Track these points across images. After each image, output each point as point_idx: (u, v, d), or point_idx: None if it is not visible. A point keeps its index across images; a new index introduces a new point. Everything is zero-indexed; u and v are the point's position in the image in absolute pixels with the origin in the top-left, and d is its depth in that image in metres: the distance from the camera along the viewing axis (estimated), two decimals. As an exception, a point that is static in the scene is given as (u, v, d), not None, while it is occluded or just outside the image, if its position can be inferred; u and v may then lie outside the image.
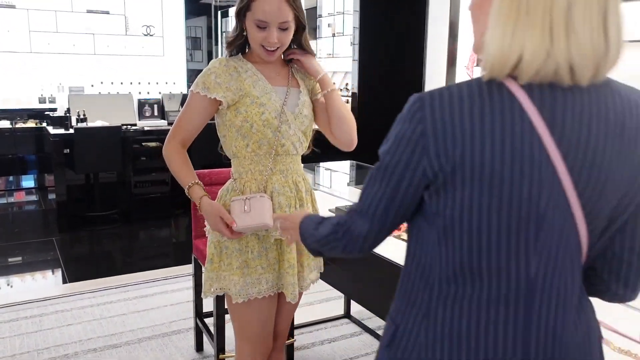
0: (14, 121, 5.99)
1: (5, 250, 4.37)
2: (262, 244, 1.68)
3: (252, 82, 1.65)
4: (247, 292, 1.68)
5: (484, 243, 0.86)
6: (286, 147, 1.67)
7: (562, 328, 0.90)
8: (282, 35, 1.61)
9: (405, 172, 0.88)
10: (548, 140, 0.81)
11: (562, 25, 0.78)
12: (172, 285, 3.60)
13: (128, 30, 6.72)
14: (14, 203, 6.18)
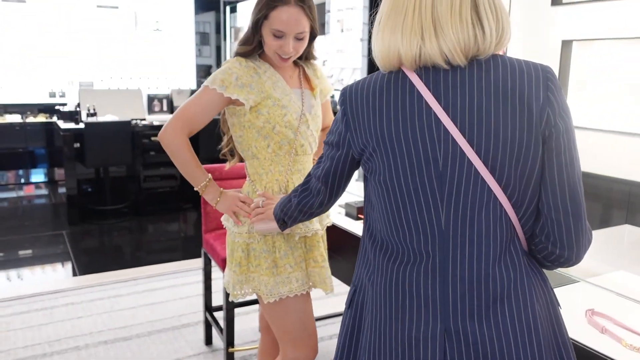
0: (24, 115, 6.04)
1: (16, 243, 4.41)
2: (288, 243, 1.70)
3: (272, 83, 1.67)
4: (279, 291, 1.69)
5: (400, 202, 1.03)
6: (304, 147, 1.71)
7: (479, 276, 0.99)
8: (297, 45, 1.63)
9: (338, 146, 1.13)
10: (438, 110, 0.98)
11: (431, 26, 0.97)
12: (181, 279, 3.63)
13: (137, 26, 6.74)
14: (24, 197, 6.23)
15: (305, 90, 1.75)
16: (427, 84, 1.00)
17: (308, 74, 1.79)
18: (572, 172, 0.99)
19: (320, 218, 1.77)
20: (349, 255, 2.18)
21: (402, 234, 1.04)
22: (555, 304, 1.07)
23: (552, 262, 1.06)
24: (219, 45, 8.14)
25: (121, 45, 6.66)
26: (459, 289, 1.00)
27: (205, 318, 2.82)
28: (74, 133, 4.96)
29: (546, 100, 0.97)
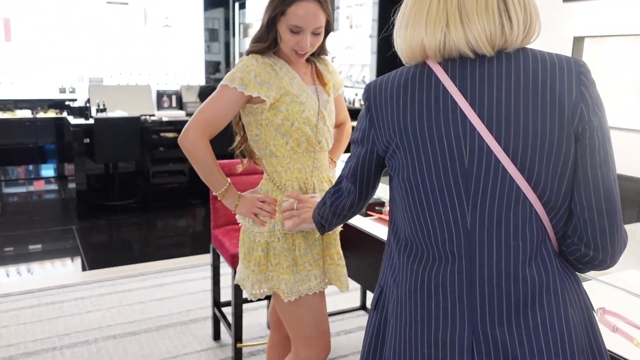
0: (34, 111, 6.08)
1: (26, 238, 4.44)
2: (307, 241, 1.70)
3: (289, 79, 1.66)
4: (298, 290, 1.68)
5: (424, 200, 1.00)
6: (322, 143, 1.71)
7: (508, 279, 0.95)
8: (314, 40, 1.62)
9: (363, 143, 1.12)
10: (464, 105, 0.95)
11: (456, 14, 0.94)
12: (190, 274, 3.64)
13: (147, 22, 6.76)
14: (34, 192, 6.28)
15: (318, 87, 1.74)
16: (453, 78, 0.97)
17: (320, 70, 1.77)
18: (607, 171, 0.94)
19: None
20: (358, 252, 2.18)
21: (427, 234, 1.00)
22: (590, 309, 1.02)
23: (585, 265, 1.01)
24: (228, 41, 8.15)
25: (131, 42, 6.68)
26: (486, 291, 0.96)
27: (213, 313, 2.82)
28: (83, 129, 4.98)
29: (579, 95, 0.93)
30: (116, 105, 5.29)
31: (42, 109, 6.14)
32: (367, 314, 3.11)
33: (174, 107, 5.87)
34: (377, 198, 2.40)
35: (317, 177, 1.71)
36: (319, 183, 1.72)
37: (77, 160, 5.04)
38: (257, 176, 1.84)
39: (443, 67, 0.98)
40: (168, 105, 5.83)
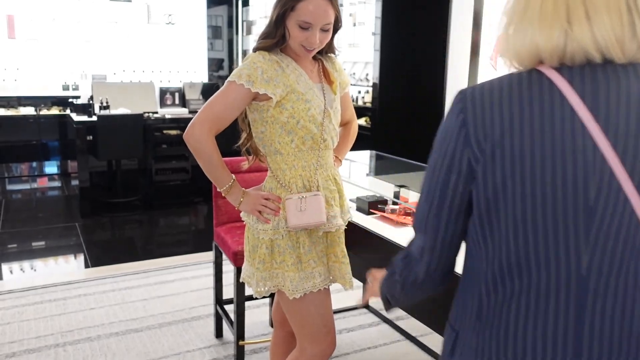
0: (38, 108, 6.09)
1: (29, 234, 4.45)
2: (311, 238, 1.71)
3: (296, 77, 1.65)
4: (303, 287, 1.69)
5: (529, 235, 0.82)
6: (327, 141, 1.71)
7: (629, 337, 0.81)
8: (322, 36, 1.62)
9: (451, 166, 0.87)
10: (592, 126, 0.78)
11: (580, 7, 0.78)
12: (192, 271, 3.64)
13: (150, 19, 6.76)
14: (37, 188, 6.29)
15: (325, 85, 1.73)
16: (579, 91, 0.79)
17: (327, 68, 1.77)
18: None
19: (342, 212, 1.78)
20: (361, 251, 2.17)
21: (527, 273, 0.83)
22: None
23: None
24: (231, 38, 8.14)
25: (134, 39, 6.68)
26: (596, 349, 0.81)
27: (215, 311, 2.83)
28: (86, 126, 4.99)
29: None
30: (119, 102, 5.29)
31: (45, 106, 6.16)
32: (370, 312, 3.11)
33: (177, 105, 5.87)
34: (379, 196, 2.40)
35: (321, 175, 1.71)
36: (323, 181, 1.72)
37: (80, 157, 5.05)
38: (262, 174, 1.84)
39: (563, 75, 0.80)
40: (171, 103, 5.83)
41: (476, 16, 4.09)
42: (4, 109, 6.02)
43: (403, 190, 2.38)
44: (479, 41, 4.10)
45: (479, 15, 4.08)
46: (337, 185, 1.78)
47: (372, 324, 3.00)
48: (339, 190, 1.78)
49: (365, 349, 2.77)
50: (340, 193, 1.79)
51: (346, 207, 1.81)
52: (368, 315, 3.10)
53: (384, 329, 2.96)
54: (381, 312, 3.08)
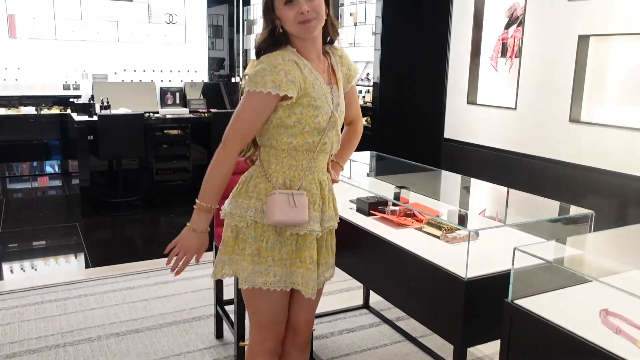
0: (39, 107, 6.09)
1: (29, 234, 4.45)
2: (278, 237, 1.67)
3: (312, 80, 1.62)
4: (254, 280, 1.68)
5: None
6: (326, 146, 1.68)
7: None
8: (312, 4, 1.57)
9: None
10: None
11: None
12: (192, 272, 3.64)
13: (151, 18, 6.76)
14: (38, 188, 6.30)
15: (333, 86, 1.70)
16: None
17: (333, 65, 1.72)
18: None
19: (322, 219, 1.72)
20: (360, 252, 2.17)
21: None
22: None
23: None
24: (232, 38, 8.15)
25: (135, 38, 6.68)
26: None
27: (216, 311, 2.83)
28: (87, 125, 4.99)
29: None
30: (120, 102, 5.29)
31: (46, 106, 6.16)
32: (370, 313, 3.11)
33: (177, 104, 5.86)
34: (380, 197, 2.39)
35: (307, 178, 1.68)
36: (307, 183, 1.68)
37: (81, 156, 5.05)
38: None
39: None
40: (172, 102, 5.83)
41: (477, 16, 4.08)
42: (5, 108, 6.03)
43: (403, 191, 2.37)
44: (479, 41, 4.10)
45: (479, 15, 4.08)
46: (322, 190, 1.72)
47: (372, 325, 3.00)
48: (322, 196, 1.72)
49: (365, 349, 2.77)
50: (324, 199, 1.73)
51: (328, 215, 1.74)
52: (368, 315, 3.10)
53: (385, 330, 2.96)
54: (382, 312, 3.08)
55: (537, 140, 3.57)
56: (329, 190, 1.76)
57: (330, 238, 1.80)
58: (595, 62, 3.23)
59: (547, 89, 3.48)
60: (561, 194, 3.32)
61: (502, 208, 2.52)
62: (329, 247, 1.80)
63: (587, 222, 1.99)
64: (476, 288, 1.68)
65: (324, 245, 1.77)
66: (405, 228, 2.16)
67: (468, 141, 4.18)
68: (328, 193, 1.75)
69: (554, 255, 1.70)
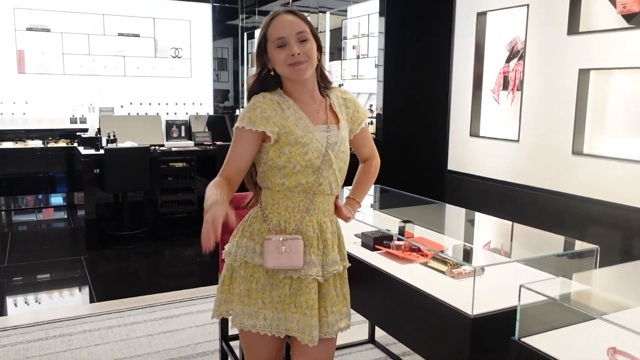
0: (46, 141, 6.16)
1: (34, 267, 4.46)
2: (270, 279, 1.65)
3: (295, 119, 1.64)
4: (242, 322, 1.66)
5: None
6: (323, 187, 1.65)
7: None
8: (303, 47, 1.61)
9: None
10: None
11: None
12: (198, 306, 3.63)
13: (157, 53, 6.88)
14: (43, 220, 6.32)
15: (331, 126, 1.69)
16: None
17: (334, 106, 1.73)
18: None
19: (323, 262, 1.66)
20: (365, 286, 2.17)
21: None
22: None
23: None
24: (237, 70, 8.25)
25: (141, 72, 6.79)
26: None
27: (221, 347, 2.81)
28: (93, 159, 5.04)
29: None
30: (126, 135, 5.35)
31: (53, 139, 6.23)
32: (376, 348, 3.09)
33: (183, 137, 5.93)
34: (384, 231, 2.40)
35: (304, 220, 1.65)
36: (303, 226, 1.65)
37: (86, 189, 5.09)
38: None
39: None
40: (177, 135, 5.89)
41: (478, 50, 4.15)
42: (13, 142, 6.10)
43: (408, 225, 2.38)
44: (481, 74, 4.15)
45: (480, 49, 4.14)
46: (322, 233, 1.67)
47: None
48: (323, 239, 1.67)
49: (371, 385, 2.74)
50: (326, 242, 1.68)
51: (331, 259, 1.68)
52: (374, 350, 3.07)
53: (391, 365, 2.93)
54: (387, 347, 3.06)
55: (540, 172, 3.58)
56: (332, 232, 1.71)
57: (341, 284, 1.74)
58: (596, 95, 3.26)
59: (549, 121, 3.51)
60: (565, 227, 3.32)
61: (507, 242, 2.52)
62: (340, 294, 1.73)
63: (593, 257, 1.99)
64: (482, 325, 1.68)
65: (331, 291, 1.69)
66: (411, 263, 2.16)
67: (471, 173, 4.20)
68: (331, 235, 1.70)
69: (560, 291, 1.69)
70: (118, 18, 6.63)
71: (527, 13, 3.65)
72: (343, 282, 1.75)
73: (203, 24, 7.22)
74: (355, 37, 6.79)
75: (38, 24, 6.28)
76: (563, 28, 3.37)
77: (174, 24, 6.97)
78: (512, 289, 1.58)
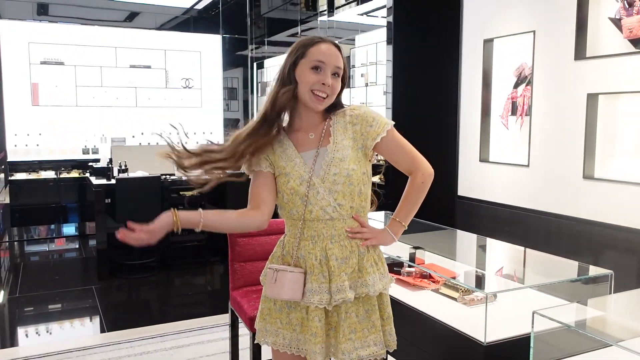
0: (58, 171, 6.22)
1: (45, 298, 4.46)
2: (287, 301, 1.68)
3: (280, 152, 1.68)
4: (265, 338, 1.72)
5: None
6: (314, 213, 1.62)
7: None
8: (334, 82, 1.63)
9: None
10: None
11: None
12: (208, 335, 3.60)
13: (168, 83, 6.99)
14: (55, 250, 6.34)
15: (320, 150, 1.65)
16: None
17: (333, 129, 1.67)
18: None
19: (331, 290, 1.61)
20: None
21: None
22: None
23: None
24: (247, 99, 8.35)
25: (152, 102, 6.89)
26: None
27: (231, 377, 2.78)
28: (105, 189, 5.08)
29: None
30: (137, 165, 5.40)
31: (65, 170, 6.30)
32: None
33: (193, 166, 5.96)
34: (395, 258, 2.39)
35: (306, 248, 1.65)
36: (305, 254, 1.64)
37: (98, 219, 5.11)
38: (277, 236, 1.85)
39: None
40: (188, 164, 5.94)
41: (485, 76, 4.17)
42: (26, 173, 6.17)
43: (419, 251, 2.37)
44: (489, 100, 4.17)
45: (488, 75, 4.16)
46: (328, 260, 1.62)
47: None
48: (329, 266, 1.62)
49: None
50: (331, 269, 1.61)
51: (337, 287, 1.60)
52: (387, 379, 3.02)
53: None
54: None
55: (551, 197, 3.56)
56: (340, 259, 1.63)
57: (369, 311, 1.66)
58: (605, 118, 3.26)
59: (559, 146, 3.50)
60: (578, 251, 3.29)
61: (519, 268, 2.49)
62: (366, 321, 1.66)
63: (607, 282, 1.97)
64: (496, 353, 1.65)
65: (351, 317, 1.64)
66: (422, 290, 2.14)
67: (482, 198, 4.18)
68: (338, 262, 1.63)
69: (575, 317, 1.67)
70: (130, 50, 6.76)
71: (533, 39, 3.68)
72: (372, 309, 1.67)
73: (213, 54, 7.34)
74: (364, 65, 6.87)
75: (52, 58, 6.42)
76: (570, 53, 3.39)
77: (185, 55, 7.09)
78: (526, 315, 1.56)
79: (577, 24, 3.34)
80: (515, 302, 1.99)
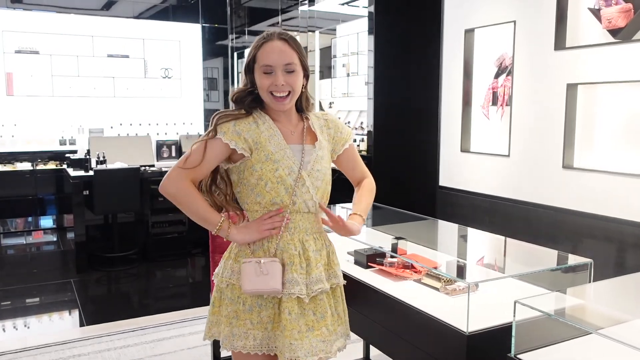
0: (34, 163, 6.11)
1: (23, 291, 4.39)
2: (257, 299, 1.64)
3: (269, 135, 1.63)
4: (232, 344, 1.64)
5: None
6: (297, 205, 1.63)
7: None
8: (289, 78, 1.61)
9: None
10: None
11: None
12: (189, 327, 3.58)
13: (147, 73, 6.89)
14: (33, 243, 6.24)
15: (306, 146, 1.68)
16: None
17: (314, 128, 1.72)
18: None
19: (308, 280, 1.64)
20: (359, 305, 2.15)
21: None
22: None
23: None
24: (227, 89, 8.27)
25: (131, 92, 6.79)
26: None
27: (213, 369, 2.76)
28: (83, 180, 4.99)
29: None
30: (116, 156, 5.32)
31: (42, 161, 6.18)
32: (371, 367, 3.05)
33: (173, 157, 5.90)
34: (377, 248, 2.38)
35: (285, 239, 1.64)
36: (284, 245, 1.64)
37: (76, 211, 5.03)
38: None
39: None
40: (168, 155, 5.87)
41: (466, 66, 4.18)
42: (1, 164, 6.05)
43: (401, 242, 2.37)
44: (470, 90, 4.17)
45: (469, 65, 4.17)
46: (305, 251, 1.65)
47: (373, 379, 2.94)
48: (306, 257, 1.65)
49: (367, 405, 2.69)
50: (308, 260, 1.65)
51: (315, 277, 1.64)
52: (369, 369, 3.03)
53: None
54: (382, 365, 3.02)
55: (531, 186, 3.59)
56: (315, 250, 1.67)
57: (335, 303, 1.72)
58: (584, 109, 3.29)
59: (539, 135, 3.52)
60: (557, 240, 3.32)
61: (500, 257, 2.51)
62: (334, 313, 1.71)
63: (587, 271, 1.99)
64: (478, 342, 1.66)
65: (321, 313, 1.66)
66: (404, 280, 2.14)
67: (463, 188, 4.20)
68: (315, 254, 1.67)
69: (555, 306, 1.68)
70: (107, 39, 6.64)
71: (514, 29, 3.69)
72: (337, 301, 1.74)
73: (193, 44, 7.24)
74: (345, 56, 6.84)
75: (26, 47, 6.27)
76: (550, 44, 3.40)
77: (164, 45, 6.99)
78: (507, 304, 1.57)
79: (557, 14, 3.36)
80: (497, 291, 2.00)
